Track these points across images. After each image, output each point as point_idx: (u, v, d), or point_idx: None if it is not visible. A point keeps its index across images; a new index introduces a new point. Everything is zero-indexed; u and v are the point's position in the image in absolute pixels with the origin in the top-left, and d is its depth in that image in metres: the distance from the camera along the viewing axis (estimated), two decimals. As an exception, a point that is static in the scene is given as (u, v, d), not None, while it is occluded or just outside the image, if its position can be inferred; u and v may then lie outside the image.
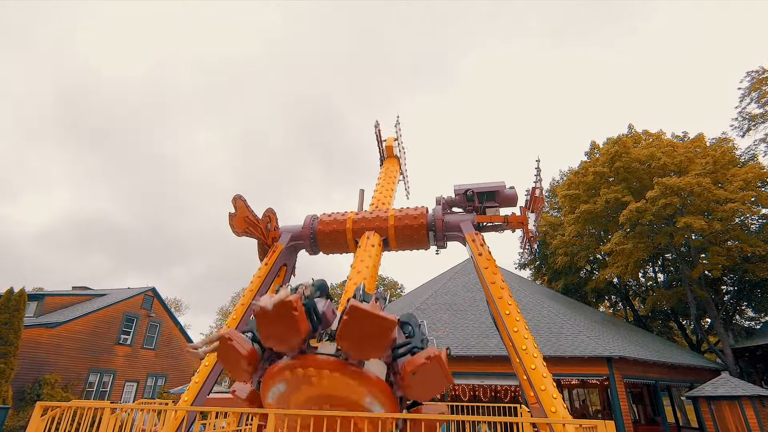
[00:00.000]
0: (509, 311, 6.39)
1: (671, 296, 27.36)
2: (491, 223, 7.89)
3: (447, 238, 8.05)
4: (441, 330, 18.26)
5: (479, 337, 17.49)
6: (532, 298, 21.34)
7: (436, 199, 8.35)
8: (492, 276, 6.84)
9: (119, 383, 26.14)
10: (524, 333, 6.13)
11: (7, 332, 18.08)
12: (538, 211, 7.71)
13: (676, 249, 25.82)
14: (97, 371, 24.76)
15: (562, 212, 32.46)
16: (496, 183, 8.06)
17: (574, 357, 15.64)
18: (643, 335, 22.36)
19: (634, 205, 22.67)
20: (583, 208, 26.50)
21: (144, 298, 28.90)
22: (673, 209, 21.94)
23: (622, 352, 15.81)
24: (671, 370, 18.01)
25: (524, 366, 5.86)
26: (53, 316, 23.81)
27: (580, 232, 28.73)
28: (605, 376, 15.77)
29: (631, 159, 25.08)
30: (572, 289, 35.46)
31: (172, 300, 63.97)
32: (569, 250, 31.34)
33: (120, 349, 26.49)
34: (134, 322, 27.80)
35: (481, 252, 7.21)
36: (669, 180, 21.77)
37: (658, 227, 23.88)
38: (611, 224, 27.34)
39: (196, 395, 6.34)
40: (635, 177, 25.61)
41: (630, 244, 23.93)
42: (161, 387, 28.92)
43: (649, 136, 28.62)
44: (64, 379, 22.43)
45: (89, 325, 24.65)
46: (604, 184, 26.47)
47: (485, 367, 16.20)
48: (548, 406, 5.31)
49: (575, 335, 17.15)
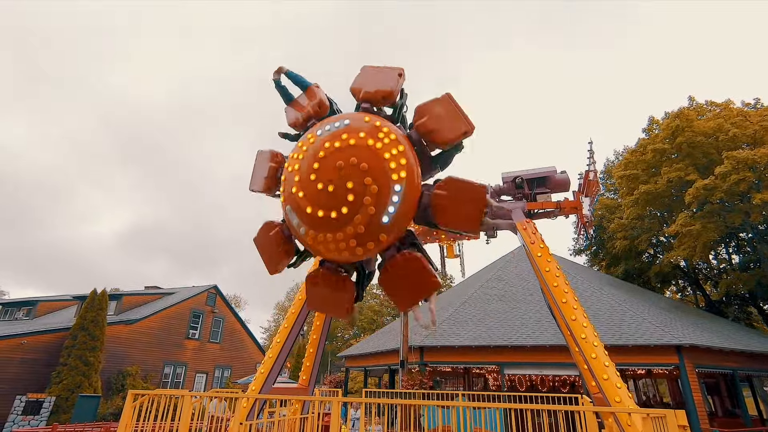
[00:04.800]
0: (566, 299, 6.23)
1: (749, 279, 25.10)
2: (543, 209, 7.69)
3: (497, 227, 7.94)
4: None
5: (534, 327, 17.08)
6: (589, 285, 20.47)
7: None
8: (546, 264, 6.68)
9: (190, 374, 28.20)
10: (583, 321, 5.96)
11: (94, 329, 20.07)
12: (593, 195, 7.41)
13: (753, 227, 23.64)
14: (170, 363, 26.85)
15: (620, 194, 30.69)
16: (546, 168, 7.83)
17: (639, 345, 14.87)
18: (717, 321, 20.78)
19: (701, 183, 20.99)
20: (642, 188, 24.88)
21: (208, 295, 30.88)
22: (747, 185, 20.09)
23: (692, 340, 14.81)
24: (751, 359, 16.62)
25: (584, 355, 5.71)
26: (130, 313, 26.07)
27: (641, 214, 27.01)
28: (675, 366, 14.87)
29: (695, 133, 23.17)
30: (634, 275, 33.49)
31: (232, 296, 67.77)
32: (629, 233, 29.58)
33: (189, 342, 28.52)
34: (200, 318, 29.79)
35: (534, 240, 7.06)
36: (741, 153, 19.93)
37: (731, 205, 21.97)
38: (675, 204, 25.47)
39: (262, 384, 6.76)
40: (701, 152, 23.64)
41: (698, 224, 22.19)
42: (227, 378, 30.85)
43: (714, 107, 26.23)
44: (143, 370, 24.55)
45: (161, 321, 26.74)
46: (666, 162, 24.68)
47: (542, 356, 15.82)
48: (612, 396, 5.16)
49: (639, 323, 16.27)
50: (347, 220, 3.61)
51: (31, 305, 29.09)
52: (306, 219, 3.83)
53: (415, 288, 3.89)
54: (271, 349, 7.13)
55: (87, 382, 19.12)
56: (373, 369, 23.17)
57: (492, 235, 8.15)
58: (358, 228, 3.62)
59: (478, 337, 16.99)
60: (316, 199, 3.71)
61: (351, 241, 3.68)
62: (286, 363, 20.61)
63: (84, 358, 19.25)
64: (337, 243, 3.73)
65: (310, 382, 8.29)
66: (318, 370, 8.57)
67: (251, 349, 34.42)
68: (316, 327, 8.60)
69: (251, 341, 34.72)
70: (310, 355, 8.45)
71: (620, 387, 5.23)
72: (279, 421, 7.41)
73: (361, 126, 3.88)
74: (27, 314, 28.37)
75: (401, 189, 3.69)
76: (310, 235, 3.87)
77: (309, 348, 8.53)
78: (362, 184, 3.58)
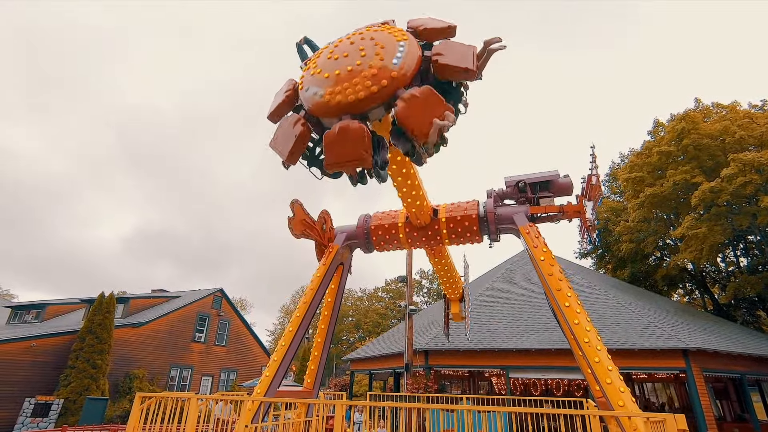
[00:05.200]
0: (569, 303, 6.24)
1: (757, 282, 24.87)
2: (546, 213, 7.69)
3: (500, 231, 7.95)
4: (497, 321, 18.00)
5: (540, 330, 17.03)
6: (595, 288, 20.38)
7: (487, 192, 8.27)
8: (549, 268, 6.71)
9: (197, 377, 28.35)
10: (586, 325, 5.97)
11: (102, 332, 20.26)
12: (596, 199, 7.41)
13: (760, 230, 23.43)
14: (177, 366, 27.02)
15: (625, 197, 30.55)
16: (549, 172, 7.84)
17: (645, 349, 14.79)
18: (725, 325, 20.59)
19: (707, 185, 20.88)
20: (648, 191, 24.78)
21: (214, 298, 31.06)
22: (754, 187, 19.95)
23: (700, 344, 14.70)
24: (760, 363, 16.46)
25: (588, 359, 5.72)
26: (137, 316, 26.29)
27: (647, 216, 26.88)
28: (681, 370, 14.76)
29: (701, 135, 23.08)
30: (640, 278, 33.28)
31: (237, 299, 68.11)
32: (635, 236, 29.43)
33: (195, 345, 28.69)
34: (206, 321, 29.97)
35: (537, 244, 7.08)
36: (747, 155, 19.81)
37: (738, 208, 21.81)
38: (682, 207, 25.33)
39: (267, 387, 6.82)
40: (707, 154, 23.52)
41: (705, 227, 22.05)
42: (233, 381, 30.97)
43: (720, 109, 26.11)
44: (150, 373, 24.72)
45: (168, 324, 26.94)
46: (671, 165, 24.58)
47: (548, 360, 15.77)
48: (615, 400, 5.17)
49: (645, 326, 16.18)
50: (362, 68, 4.24)
51: (39, 308, 29.41)
52: (324, 82, 4.40)
53: (431, 111, 4.12)
54: (276, 352, 7.20)
55: (95, 384, 19.30)
56: (378, 372, 23.19)
57: (495, 239, 8.17)
58: (372, 70, 4.19)
59: (483, 341, 16.97)
60: (333, 66, 4.43)
61: (366, 82, 4.17)
62: (291, 366, 20.69)
63: (92, 361, 19.44)
64: (355, 86, 4.20)
65: (315, 386, 8.35)
66: (323, 374, 8.63)
67: (257, 352, 34.54)
68: (321, 330, 8.67)
69: (257, 344, 34.83)
70: (315, 358, 8.51)
71: (623, 391, 5.24)
72: (284, 423, 7.47)
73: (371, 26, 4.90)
74: (36, 317, 28.69)
75: (405, 45, 4.37)
76: (328, 92, 4.33)
77: (314, 351, 8.60)
78: (372, 47, 4.38)
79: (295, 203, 7.98)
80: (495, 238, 8.11)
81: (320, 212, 8.70)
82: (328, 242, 8.76)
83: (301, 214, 8.08)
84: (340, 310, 9.34)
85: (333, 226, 9.03)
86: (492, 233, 7.94)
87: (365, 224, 8.66)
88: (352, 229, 8.79)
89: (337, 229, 9.00)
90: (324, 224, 8.74)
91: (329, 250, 8.58)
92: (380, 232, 8.47)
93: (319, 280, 8.07)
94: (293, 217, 7.94)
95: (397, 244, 8.50)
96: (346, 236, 8.75)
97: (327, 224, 8.85)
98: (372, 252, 8.95)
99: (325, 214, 8.81)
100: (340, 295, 9.00)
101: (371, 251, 8.93)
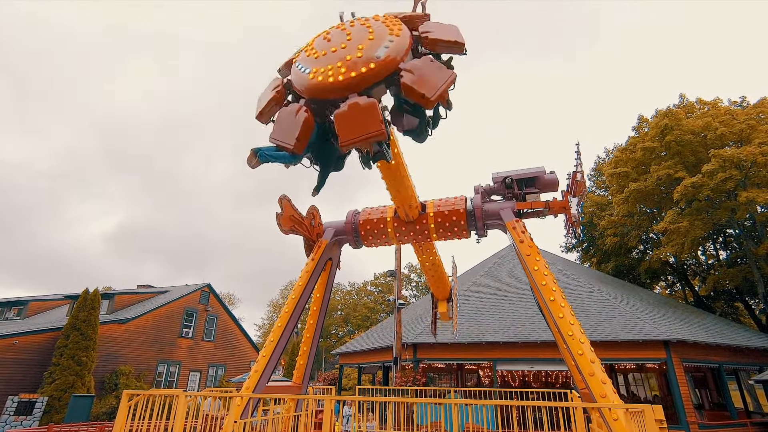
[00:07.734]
0: (554, 297, 6.38)
1: (735, 274, 25.62)
2: (532, 209, 7.81)
3: (487, 226, 8.06)
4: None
5: (526, 323, 17.32)
6: (580, 281, 20.77)
7: (475, 188, 8.35)
8: (534, 263, 6.83)
9: (184, 373, 28.16)
10: (570, 319, 6.11)
11: (87, 328, 19.97)
12: (581, 196, 7.55)
13: (739, 224, 24.08)
14: (164, 362, 26.80)
15: (610, 191, 31.06)
16: (535, 168, 7.95)
17: (629, 341, 15.17)
18: (705, 316, 21.19)
19: (689, 181, 21.36)
20: (632, 186, 25.23)
21: (201, 293, 30.79)
22: (733, 183, 20.46)
23: (680, 335, 15.14)
24: (737, 353, 17.01)
25: (571, 352, 5.87)
26: (123, 312, 25.96)
27: (631, 211, 27.40)
28: (663, 360, 15.19)
29: (683, 131, 23.53)
30: (624, 271, 33.99)
31: (225, 294, 67.61)
32: (619, 230, 30.00)
33: (182, 341, 28.47)
34: (194, 317, 29.72)
35: (523, 239, 7.19)
36: (727, 151, 20.30)
37: (718, 202, 22.36)
38: (665, 201, 25.87)
39: (256, 383, 6.84)
40: (689, 150, 24.02)
41: (686, 221, 22.59)
42: (222, 377, 30.84)
43: (703, 105, 26.63)
44: (137, 369, 24.48)
45: (155, 320, 26.65)
46: (655, 160, 25.04)
47: (534, 353, 16.06)
48: (597, 392, 5.32)
49: (628, 318, 16.58)
50: (349, 51, 4.41)
51: (21, 305, 28.83)
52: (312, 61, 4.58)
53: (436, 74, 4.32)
54: (265, 347, 7.22)
55: (80, 381, 19.05)
56: (366, 366, 23.33)
57: (482, 234, 8.27)
58: (357, 54, 4.34)
59: (471, 334, 17.19)
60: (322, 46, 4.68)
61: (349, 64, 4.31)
62: (281, 361, 20.65)
63: (77, 358, 19.17)
64: (337, 69, 4.33)
65: (304, 380, 8.40)
66: (312, 368, 8.67)
67: (245, 348, 34.41)
68: (309, 325, 8.70)
69: (245, 339, 34.69)
70: (304, 353, 8.55)
71: (605, 383, 5.39)
72: (273, 418, 7.51)
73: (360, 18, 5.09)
74: (17, 314, 28.12)
75: (394, 39, 4.52)
76: (313, 71, 4.49)
77: (303, 346, 8.64)
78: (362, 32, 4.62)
79: (283, 199, 7.96)
80: (482, 233, 8.21)
81: (309, 208, 8.69)
82: (317, 238, 8.77)
83: (290, 210, 8.07)
84: (329, 305, 9.38)
85: (321, 222, 9.04)
86: (479, 228, 8.04)
87: (354, 219, 8.68)
88: (340, 225, 8.80)
89: (325, 224, 9.01)
90: (312, 220, 8.74)
91: (318, 245, 8.59)
92: (369, 227, 8.50)
93: (308, 276, 8.09)
94: (282, 213, 7.92)
95: (385, 239, 8.54)
96: (334, 231, 8.77)
97: (315, 220, 8.85)
98: (361, 247, 8.98)
99: (314, 210, 8.81)
100: (329, 291, 9.03)
101: (360, 246, 8.96)
